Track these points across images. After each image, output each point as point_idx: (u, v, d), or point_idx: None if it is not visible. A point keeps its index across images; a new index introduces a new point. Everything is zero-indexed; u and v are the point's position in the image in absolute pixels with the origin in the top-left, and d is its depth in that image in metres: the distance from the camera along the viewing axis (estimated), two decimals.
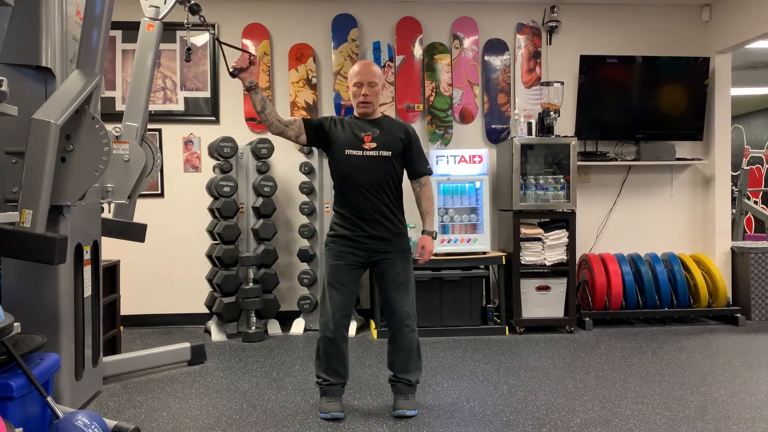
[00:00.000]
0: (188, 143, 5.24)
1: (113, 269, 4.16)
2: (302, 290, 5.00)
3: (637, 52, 5.39)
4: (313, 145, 3.06)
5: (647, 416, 2.95)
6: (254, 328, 4.71)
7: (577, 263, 5.02)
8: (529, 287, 4.83)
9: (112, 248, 4.18)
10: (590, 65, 5.25)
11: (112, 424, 2.55)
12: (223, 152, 4.75)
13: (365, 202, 2.91)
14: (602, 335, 4.73)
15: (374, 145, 2.92)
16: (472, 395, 3.29)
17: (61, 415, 2.34)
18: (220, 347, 4.46)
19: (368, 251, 2.94)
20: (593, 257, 5.15)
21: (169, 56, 5.18)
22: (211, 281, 4.84)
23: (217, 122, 5.24)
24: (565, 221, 4.87)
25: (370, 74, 2.94)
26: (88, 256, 3.16)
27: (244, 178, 4.96)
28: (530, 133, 4.90)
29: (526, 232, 4.84)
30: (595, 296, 5.03)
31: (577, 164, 4.91)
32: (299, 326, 4.93)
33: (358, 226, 2.93)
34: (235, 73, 2.84)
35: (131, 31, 4.55)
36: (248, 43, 5.21)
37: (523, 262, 4.81)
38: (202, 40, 5.21)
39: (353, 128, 2.97)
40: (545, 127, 4.91)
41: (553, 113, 4.89)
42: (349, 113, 3.20)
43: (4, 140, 2.82)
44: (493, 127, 5.41)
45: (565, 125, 5.26)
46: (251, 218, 4.97)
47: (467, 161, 4.94)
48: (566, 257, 4.86)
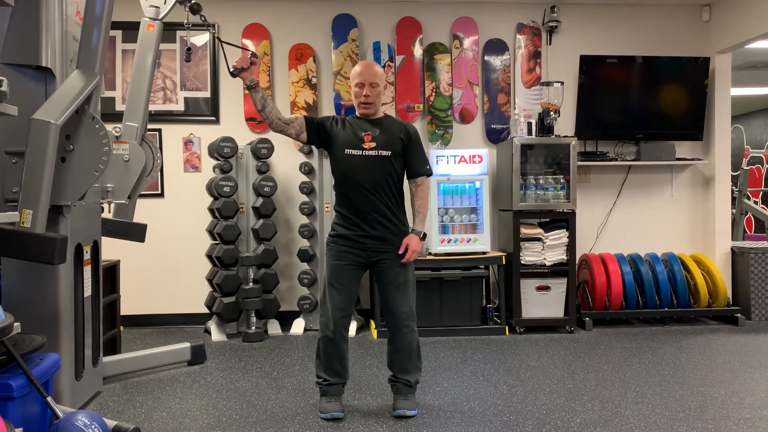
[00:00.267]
0: (188, 143, 5.24)
1: (113, 269, 4.16)
2: (302, 290, 5.00)
3: (637, 52, 5.39)
4: (313, 143, 3.06)
5: (647, 416, 2.95)
6: (254, 328, 4.71)
7: (577, 263, 5.02)
8: (529, 287, 4.84)
9: (112, 248, 4.18)
10: (590, 65, 5.25)
11: (112, 424, 2.55)
12: (223, 152, 4.75)
13: (365, 201, 2.91)
14: (602, 335, 4.73)
15: (374, 144, 2.92)
16: (472, 395, 3.29)
17: (61, 415, 2.34)
18: (220, 347, 4.46)
19: (368, 251, 2.94)
20: (593, 257, 5.15)
21: (169, 56, 5.18)
22: (211, 281, 4.84)
23: (217, 122, 5.24)
24: (565, 221, 4.87)
25: (371, 75, 2.94)
26: (88, 256, 3.16)
27: (244, 178, 4.96)
28: (530, 133, 4.90)
29: (526, 232, 4.84)
30: (595, 296, 5.03)
31: (577, 164, 4.91)
32: (299, 326, 4.93)
33: (357, 225, 2.93)
34: (235, 72, 2.84)
35: (131, 31, 4.56)
36: (248, 42, 5.21)
37: (523, 262, 4.82)
38: (202, 40, 5.21)
39: (354, 128, 2.97)
40: (545, 127, 4.91)
41: (553, 113, 4.89)
42: (349, 113, 3.20)
43: (4, 140, 2.82)
44: (493, 127, 5.41)
45: (565, 125, 5.27)
46: (251, 218, 4.97)
47: (467, 161, 4.94)
48: (566, 257, 4.86)
